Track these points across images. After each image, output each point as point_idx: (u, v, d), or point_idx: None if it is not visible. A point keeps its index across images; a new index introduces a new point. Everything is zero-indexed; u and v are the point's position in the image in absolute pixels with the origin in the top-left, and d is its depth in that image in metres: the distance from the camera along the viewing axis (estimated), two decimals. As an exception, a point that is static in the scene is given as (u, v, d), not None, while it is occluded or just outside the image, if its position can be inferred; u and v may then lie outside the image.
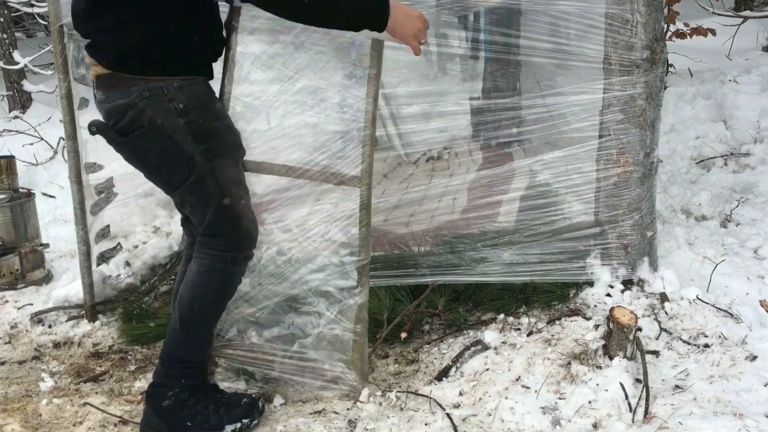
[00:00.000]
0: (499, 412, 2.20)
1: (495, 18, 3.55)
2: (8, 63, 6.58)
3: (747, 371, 2.29)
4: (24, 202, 3.61)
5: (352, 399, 2.34)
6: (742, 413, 2.08)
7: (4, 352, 2.93)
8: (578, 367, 2.34)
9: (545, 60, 2.98)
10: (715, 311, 2.58)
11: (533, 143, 3.19)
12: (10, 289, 3.44)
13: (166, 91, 1.96)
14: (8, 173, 3.63)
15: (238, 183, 2.12)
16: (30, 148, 5.60)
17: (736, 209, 3.58)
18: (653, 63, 2.63)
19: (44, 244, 3.69)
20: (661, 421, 2.08)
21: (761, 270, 2.96)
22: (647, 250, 2.77)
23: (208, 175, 2.03)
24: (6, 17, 6.67)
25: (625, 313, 2.34)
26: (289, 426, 2.22)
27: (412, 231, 3.06)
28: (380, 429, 2.20)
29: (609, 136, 2.71)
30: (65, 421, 2.38)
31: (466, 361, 2.48)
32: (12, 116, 6.53)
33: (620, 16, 2.59)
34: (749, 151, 4.25)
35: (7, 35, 6.67)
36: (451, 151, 4.00)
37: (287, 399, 2.40)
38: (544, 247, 2.79)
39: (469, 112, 3.86)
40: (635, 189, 2.71)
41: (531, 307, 2.74)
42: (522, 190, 3.01)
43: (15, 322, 3.15)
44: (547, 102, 3.00)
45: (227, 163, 2.08)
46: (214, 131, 2.05)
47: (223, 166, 2.06)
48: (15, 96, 6.75)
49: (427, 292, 2.75)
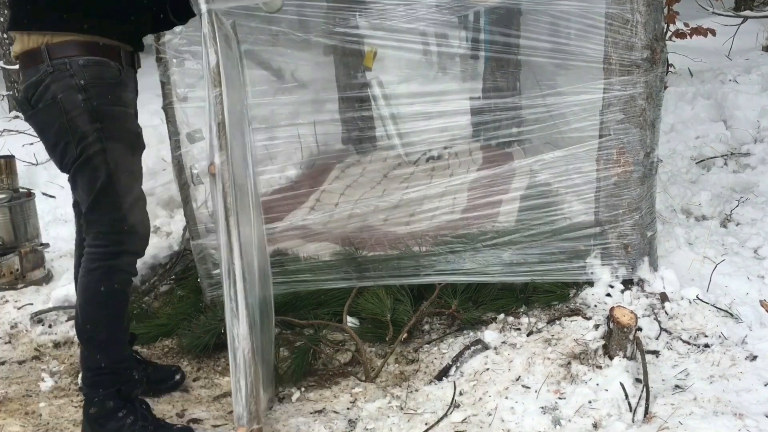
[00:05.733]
0: (499, 412, 2.20)
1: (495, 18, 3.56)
2: (8, 63, 6.57)
3: (747, 371, 2.29)
4: (24, 202, 3.61)
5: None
6: (742, 413, 2.08)
7: (4, 352, 2.93)
8: (578, 367, 2.34)
9: (545, 60, 2.99)
10: (715, 311, 2.58)
11: (533, 143, 3.20)
12: (10, 289, 3.44)
13: (69, 66, 1.96)
14: (8, 173, 3.63)
15: (129, 172, 2.06)
16: (30, 148, 5.59)
17: (736, 209, 3.57)
18: (653, 63, 2.63)
19: (44, 244, 3.69)
20: (661, 421, 2.08)
21: (761, 270, 2.95)
22: (647, 250, 2.77)
23: (97, 156, 1.99)
24: (6, 17, 6.68)
25: (625, 312, 2.34)
26: (289, 425, 2.22)
27: (412, 231, 3.06)
28: (380, 429, 2.20)
29: (609, 135, 2.71)
30: (65, 421, 2.38)
31: (466, 361, 2.48)
32: (12, 116, 6.52)
33: (620, 15, 2.59)
34: (749, 151, 4.25)
35: (7, 35, 6.67)
36: (451, 151, 4.00)
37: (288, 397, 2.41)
38: (544, 247, 2.79)
39: (469, 112, 3.86)
40: (635, 189, 2.71)
41: (531, 307, 2.74)
42: (522, 190, 3.01)
43: (15, 322, 3.15)
44: (547, 102, 3.00)
45: (120, 148, 2.03)
46: (112, 114, 2.01)
47: (115, 151, 2.02)
48: (15, 96, 6.75)
49: (437, 291, 2.76)
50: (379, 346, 2.69)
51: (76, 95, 1.96)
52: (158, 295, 3.24)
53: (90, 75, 1.97)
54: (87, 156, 2.00)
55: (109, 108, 2.01)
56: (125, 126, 2.07)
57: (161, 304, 3.14)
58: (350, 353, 2.65)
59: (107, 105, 2.01)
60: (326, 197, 3.68)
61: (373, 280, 2.84)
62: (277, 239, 3.17)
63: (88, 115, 1.98)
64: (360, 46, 3.87)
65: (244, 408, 1.96)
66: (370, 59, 4.01)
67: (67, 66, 1.96)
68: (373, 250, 2.99)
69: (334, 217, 3.31)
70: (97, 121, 1.99)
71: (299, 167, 4.10)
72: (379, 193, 3.54)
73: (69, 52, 1.96)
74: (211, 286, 2.95)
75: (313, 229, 3.27)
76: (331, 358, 2.65)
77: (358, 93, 4.31)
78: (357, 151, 4.31)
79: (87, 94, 1.97)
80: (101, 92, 1.99)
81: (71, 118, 1.97)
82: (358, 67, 4.20)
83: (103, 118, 2.00)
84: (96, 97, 1.98)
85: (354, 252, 2.99)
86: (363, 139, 4.27)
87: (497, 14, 3.52)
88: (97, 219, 2.06)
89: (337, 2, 3.24)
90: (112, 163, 2.01)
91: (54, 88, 1.96)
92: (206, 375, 2.68)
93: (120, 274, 2.10)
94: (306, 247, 3.11)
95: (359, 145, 4.31)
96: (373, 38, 3.33)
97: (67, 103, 1.96)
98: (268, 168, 3.83)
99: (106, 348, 2.12)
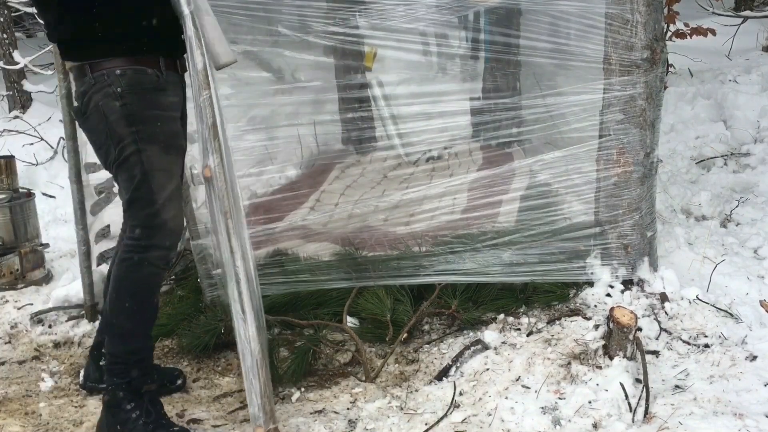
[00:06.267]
0: (499, 412, 2.20)
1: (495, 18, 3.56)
2: (8, 63, 6.57)
3: (747, 371, 2.29)
4: (24, 202, 3.61)
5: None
6: (742, 413, 2.08)
7: (4, 352, 2.94)
8: (578, 367, 2.33)
9: (545, 60, 2.98)
10: (715, 311, 2.58)
11: (533, 143, 3.19)
12: (10, 289, 3.44)
13: (107, 77, 2.12)
14: (8, 173, 3.62)
15: (163, 171, 2.17)
16: (30, 148, 5.61)
17: (736, 209, 3.57)
18: (653, 63, 2.63)
19: (44, 244, 3.69)
20: (661, 421, 2.08)
21: (761, 270, 2.95)
22: (647, 250, 2.77)
23: (133, 156, 2.13)
24: (6, 17, 6.66)
25: (625, 313, 2.34)
26: (289, 425, 2.22)
27: (412, 231, 3.06)
28: (380, 429, 2.20)
29: (609, 136, 2.71)
30: (65, 421, 2.38)
31: (466, 361, 2.48)
32: (12, 116, 6.52)
33: (620, 16, 2.59)
34: (749, 151, 4.25)
35: (7, 35, 6.66)
36: (451, 151, 4.00)
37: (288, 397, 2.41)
38: (544, 247, 2.79)
39: (469, 113, 3.86)
40: (635, 189, 2.71)
41: (531, 307, 2.74)
42: (522, 191, 3.01)
43: (15, 322, 3.15)
44: (547, 102, 3.00)
45: (155, 149, 2.15)
46: (147, 117, 2.15)
47: (150, 152, 2.14)
48: (15, 96, 6.74)
49: (436, 292, 2.76)
50: (379, 346, 2.69)
51: (114, 102, 2.12)
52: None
53: (126, 83, 2.12)
54: (124, 157, 2.15)
55: (145, 112, 2.15)
56: (161, 128, 2.18)
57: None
58: (350, 353, 2.65)
59: (143, 109, 2.14)
60: (326, 197, 3.68)
61: (373, 280, 2.83)
62: (277, 239, 3.17)
63: (125, 119, 2.12)
64: (360, 47, 3.87)
65: (260, 408, 1.97)
66: (370, 59, 4.01)
67: (106, 77, 2.12)
68: (373, 250, 2.99)
69: (334, 218, 3.31)
70: (132, 125, 2.13)
71: (299, 167, 4.10)
72: (379, 194, 3.54)
73: (108, 64, 2.13)
74: (211, 286, 2.95)
75: (313, 229, 3.27)
76: (331, 358, 2.65)
77: (358, 93, 4.31)
78: (357, 151, 4.30)
79: (123, 100, 2.12)
80: (138, 98, 2.14)
81: (110, 123, 2.13)
82: (358, 68, 4.20)
83: (139, 121, 2.14)
84: (132, 102, 2.13)
85: (354, 252, 2.99)
86: (363, 140, 4.27)
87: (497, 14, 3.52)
88: (133, 214, 2.19)
89: (337, 2, 3.24)
90: (147, 164, 2.14)
91: (96, 97, 2.14)
92: (206, 375, 2.68)
93: (148, 267, 2.20)
94: (306, 247, 3.11)
95: (359, 145, 4.31)
96: (373, 38, 3.32)
97: (106, 109, 2.13)
98: (268, 168, 3.83)
99: (125, 337, 2.24)
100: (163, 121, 2.18)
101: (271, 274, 2.88)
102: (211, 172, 1.94)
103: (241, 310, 1.97)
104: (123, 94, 2.12)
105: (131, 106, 2.12)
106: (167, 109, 2.21)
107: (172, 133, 2.22)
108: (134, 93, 2.13)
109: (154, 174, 2.15)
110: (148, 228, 2.17)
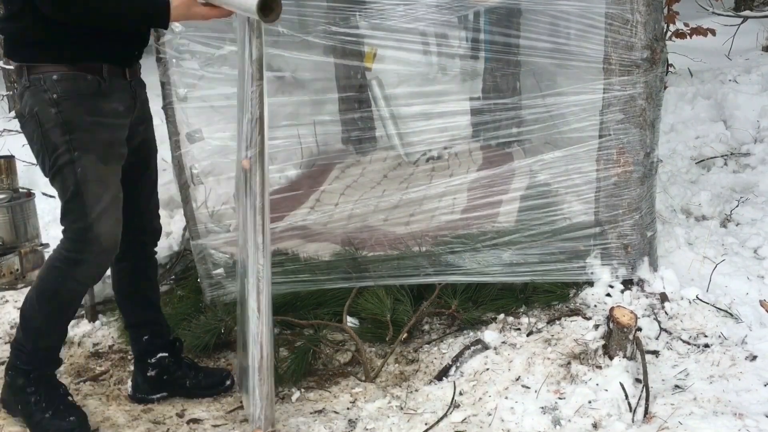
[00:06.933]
0: (499, 412, 2.20)
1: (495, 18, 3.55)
2: (8, 63, 6.57)
3: (747, 371, 2.29)
4: (24, 202, 3.61)
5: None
6: (742, 413, 2.08)
7: (4, 352, 2.93)
8: (578, 367, 2.33)
9: (545, 60, 2.99)
10: (715, 311, 2.58)
11: (533, 143, 3.19)
12: (10, 289, 3.44)
13: (44, 82, 2.03)
14: (8, 173, 3.62)
15: (98, 181, 2.09)
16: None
17: (736, 209, 3.57)
18: (653, 63, 2.63)
19: (44, 244, 3.68)
20: (661, 421, 2.08)
21: (761, 270, 2.95)
22: (647, 250, 2.77)
23: (66, 166, 2.06)
24: (4, 16, 6.67)
25: (625, 313, 2.34)
26: (289, 425, 2.22)
27: (412, 231, 3.06)
28: (380, 429, 2.20)
29: (609, 136, 2.71)
30: (65, 421, 2.37)
31: (466, 361, 2.48)
32: (12, 116, 6.52)
33: (620, 15, 2.59)
34: (749, 151, 4.25)
35: (7, 35, 6.67)
36: (450, 151, 4.00)
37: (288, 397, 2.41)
38: (544, 247, 2.79)
39: (469, 113, 3.86)
40: (635, 189, 2.71)
41: (531, 307, 2.74)
42: (522, 190, 3.01)
43: (15, 322, 3.15)
44: (547, 102, 3.00)
45: (91, 158, 2.07)
46: (84, 124, 2.06)
47: (86, 161, 2.06)
48: (15, 96, 6.74)
49: (436, 292, 2.76)
50: (379, 346, 2.69)
51: (50, 109, 2.04)
52: (158, 295, 3.23)
53: (63, 89, 2.03)
54: (58, 167, 2.07)
55: (82, 119, 2.05)
56: (100, 136, 2.09)
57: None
58: (350, 353, 2.65)
59: (79, 116, 2.05)
60: (326, 197, 3.68)
61: (373, 280, 2.83)
62: (277, 239, 3.16)
63: (60, 128, 2.04)
64: (360, 47, 3.87)
65: (262, 410, 1.98)
66: (370, 59, 4.01)
67: (42, 81, 2.03)
68: (373, 250, 2.99)
69: (334, 217, 3.30)
70: (67, 134, 2.04)
71: (299, 167, 4.10)
72: (378, 194, 3.54)
73: (45, 68, 2.04)
74: (211, 286, 2.94)
75: (313, 229, 3.27)
76: (331, 358, 2.65)
77: (358, 93, 4.31)
78: (357, 151, 4.30)
79: (59, 107, 2.03)
80: (74, 104, 2.05)
81: (45, 131, 2.05)
82: (358, 68, 4.20)
83: (74, 129, 2.05)
84: (68, 109, 2.04)
85: (354, 252, 2.99)
86: (363, 140, 4.27)
87: (497, 14, 3.51)
88: (66, 226, 2.12)
89: (337, 2, 3.24)
90: (80, 174, 2.06)
91: (31, 102, 2.06)
92: (206, 375, 2.68)
93: (72, 283, 2.15)
94: (306, 247, 3.11)
95: (359, 145, 4.31)
96: (373, 38, 3.33)
97: (41, 116, 2.05)
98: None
99: (39, 334, 2.20)
100: (102, 128, 2.08)
101: (271, 274, 2.88)
102: (250, 164, 1.92)
103: (257, 308, 1.97)
104: (59, 100, 2.03)
105: (66, 114, 2.03)
106: (108, 116, 2.11)
107: (111, 141, 2.12)
108: (70, 99, 2.04)
109: (88, 185, 2.06)
110: (80, 242, 2.09)
